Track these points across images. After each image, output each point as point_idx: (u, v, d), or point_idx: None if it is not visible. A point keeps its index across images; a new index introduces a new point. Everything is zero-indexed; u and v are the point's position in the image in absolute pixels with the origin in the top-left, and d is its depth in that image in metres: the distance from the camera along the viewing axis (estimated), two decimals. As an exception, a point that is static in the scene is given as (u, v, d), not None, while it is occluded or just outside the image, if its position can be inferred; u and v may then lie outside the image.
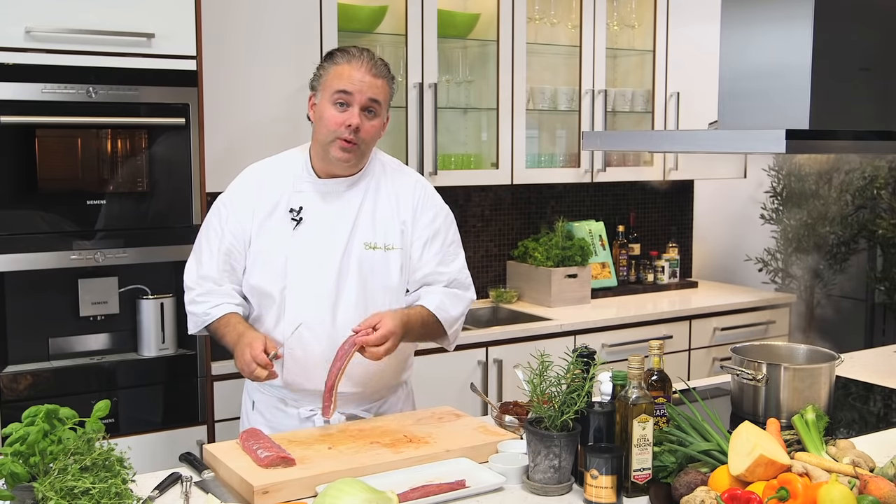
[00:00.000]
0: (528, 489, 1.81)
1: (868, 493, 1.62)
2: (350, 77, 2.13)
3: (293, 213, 2.20)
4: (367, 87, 2.13)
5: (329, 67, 2.17)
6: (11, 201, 2.60)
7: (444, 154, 3.76)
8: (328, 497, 1.55)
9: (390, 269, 2.22)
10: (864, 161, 4.49)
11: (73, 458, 1.57)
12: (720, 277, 4.95)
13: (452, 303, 2.27)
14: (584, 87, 4.02)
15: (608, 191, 4.54)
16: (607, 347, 3.72)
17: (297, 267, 2.18)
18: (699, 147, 2.31)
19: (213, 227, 2.24)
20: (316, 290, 2.18)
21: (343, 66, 2.15)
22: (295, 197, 2.21)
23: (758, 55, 2.20)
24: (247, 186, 2.25)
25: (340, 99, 2.13)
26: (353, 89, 2.13)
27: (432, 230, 2.28)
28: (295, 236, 2.18)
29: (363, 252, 2.20)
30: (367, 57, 2.16)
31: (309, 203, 2.20)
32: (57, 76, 2.61)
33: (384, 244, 2.22)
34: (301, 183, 2.22)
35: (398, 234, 2.24)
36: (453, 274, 2.30)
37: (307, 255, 2.18)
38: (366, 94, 2.13)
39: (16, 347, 2.70)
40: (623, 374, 1.87)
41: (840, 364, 2.38)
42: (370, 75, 2.14)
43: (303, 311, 2.17)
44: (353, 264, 2.19)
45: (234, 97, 3.15)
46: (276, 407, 2.28)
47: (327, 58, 2.22)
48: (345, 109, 2.14)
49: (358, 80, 2.13)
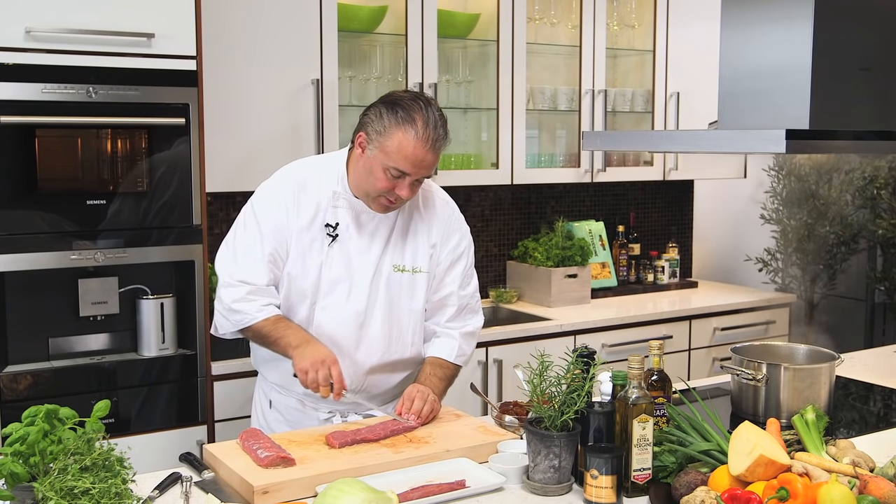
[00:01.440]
0: (528, 489, 1.81)
1: (868, 493, 1.62)
2: (411, 157, 2.07)
3: (329, 228, 2.20)
4: (426, 167, 2.10)
5: (392, 130, 2.08)
6: (11, 201, 2.60)
7: (444, 154, 3.74)
8: (328, 497, 1.55)
9: (416, 292, 2.27)
10: (864, 161, 4.48)
11: (73, 458, 1.57)
12: (720, 277, 4.95)
13: (468, 343, 2.37)
14: (584, 87, 4.02)
15: (608, 191, 4.54)
16: (607, 347, 3.72)
17: (330, 284, 2.20)
18: (699, 147, 2.31)
19: (253, 231, 2.20)
20: (345, 309, 2.21)
21: (407, 139, 2.06)
22: (331, 212, 2.20)
23: (758, 55, 2.20)
24: (286, 193, 2.20)
25: (395, 173, 2.09)
26: (412, 170, 2.09)
27: (457, 253, 2.32)
28: (330, 252, 2.20)
29: (392, 274, 2.23)
30: (431, 127, 2.08)
31: (345, 220, 2.21)
32: (57, 76, 2.61)
33: (412, 267, 2.26)
34: (339, 199, 2.21)
35: (427, 256, 2.27)
36: (468, 298, 2.36)
37: (340, 273, 2.20)
38: (421, 173, 2.11)
39: (16, 347, 2.70)
40: (623, 374, 1.87)
41: (840, 364, 2.37)
42: (432, 153, 2.09)
43: (330, 328, 2.21)
44: (382, 286, 2.23)
45: (234, 97, 3.15)
46: (294, 407, 2.32)
47: (389, 110, 2.10)
48: (397, 179, 2.10)
49: (419, 161, 2.07)
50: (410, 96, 2.13)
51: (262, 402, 2.40)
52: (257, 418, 2.42)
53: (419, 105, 2.10)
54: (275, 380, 2.34)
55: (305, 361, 2.08)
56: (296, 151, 3.17)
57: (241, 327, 2.22)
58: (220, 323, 2.26)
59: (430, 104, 2.12)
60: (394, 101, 2.12)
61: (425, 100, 2.13)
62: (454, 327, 2.34)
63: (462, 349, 2.34)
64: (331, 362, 2.09)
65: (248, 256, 2.20)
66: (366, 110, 2.16)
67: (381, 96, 2.20)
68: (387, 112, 2.10)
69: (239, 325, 2.21)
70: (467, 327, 2.36)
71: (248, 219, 2.23)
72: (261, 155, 3.17)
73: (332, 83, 3.34)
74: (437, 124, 2.10)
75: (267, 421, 2.37)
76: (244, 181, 3.00)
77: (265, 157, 3.14)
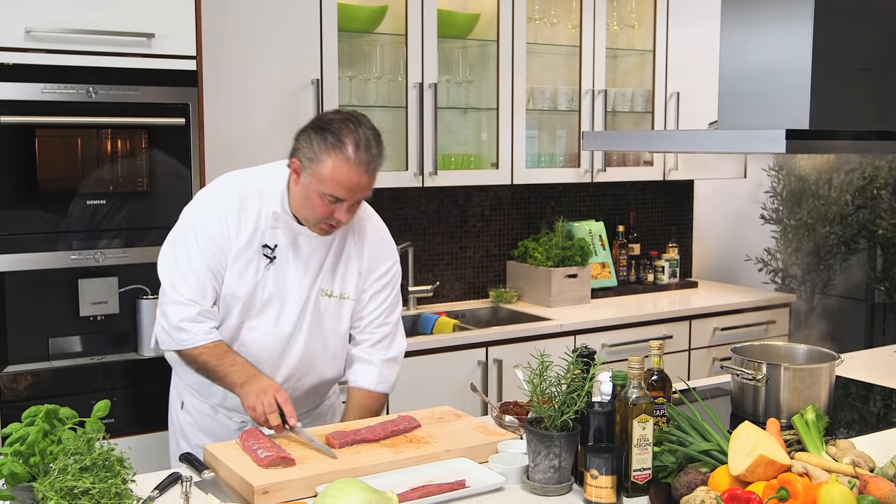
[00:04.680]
0: (528, 489, 1.81)
1: (868, 493, 1.62)
2: (344, 183, 2.02)
3: (267, 249, 2.16)
4: (362, 190, 2.06)
5: (322, 156, 2.02)
6: (11, 201, 2.60)
7: (444, 154, 3.76)
8: (328, 497, 1.55)
9: (342, 317, 2.27)
10: (864, 161, 4.48)
11: (73, 458, 1.57)
12: (720, 277, 4.95)
13: (390, 369, 2.33)
14: (584, 87, 4.02)
15: (608, 191, 4.54)
16: (607, 347, 3.72)
17: (261, 306, 2.18)
18: (699, 147, 2.31)
19: (193, 248, 2.13)
20: (273, 331, 2.20)
21: (339, 164, 2.01)
22: (270, 232, 2.16)
23: (758, 55, 2.20)
24: (226, 211, 2.14)
25: (331, 199, 2.05)
26: (347, 196, 2.05)
27: (383, 283, 2.31)
28: (266, 274, 2.16)
29: (319, 298, 2.22)
30: (363, 152, 2.02)
31: (283, 242, 2.17)
32: (57, 76, 2.61)
33: (339, 293, 2.25)
34: (278, 220, 2.16)
35: (354, 283, 2.26)
36: (392, 326, 2.34)
37: (272, 294, 2.17)
38: (358, 196, 2.08)
39: (16, 347, 2.70)
40: (623, 374, 1.87)
41: (840, 364, 2.37)
42: (366, 175, 2.04)
43: (255, 348, 2.19)
44: (310, 309, 2.21)
45: (234, 97, 3.15)
46: (207, 413, 2.29)
47: (318, 135, 2.04)
48: (334, 204, 2.06)
49: (354, 185, 2.03)
50: (340, 118, 2.06)
51: (174, 402, 2.35)
52: (171, 419, 2.38)
53: (349, 127, 2.03)
54: (191, 382, 2.28)
55: (252, 397, 2.03)
56: (296, 151, 3.17)
57: (184, 348, 2.13)
58: (163, 339, 2.18)
59: (361, 123, 2.06)
60: (323, 125, 2.06)
61: (355, 120, 2.06)
62: (375, 353, 2.30)
63: (384, 375, 2.30)
64: (274, 390, 2.04)
65: (192, 273, 2.12)
66: (297, 135, 2.10)
67: (311, 119, 2.14)
68: (316, 137, 2.04)
69: (182, 345, 2.12)
70: (389, 353, 2.32)
71: (187, 234, 2.15)
72: (261, 155, 3.15)
73: (332, 83, 3.34)
74: (370, 144, 2.04)
75: (179, 421, 2.32)
76: (244, 181, 3.00)
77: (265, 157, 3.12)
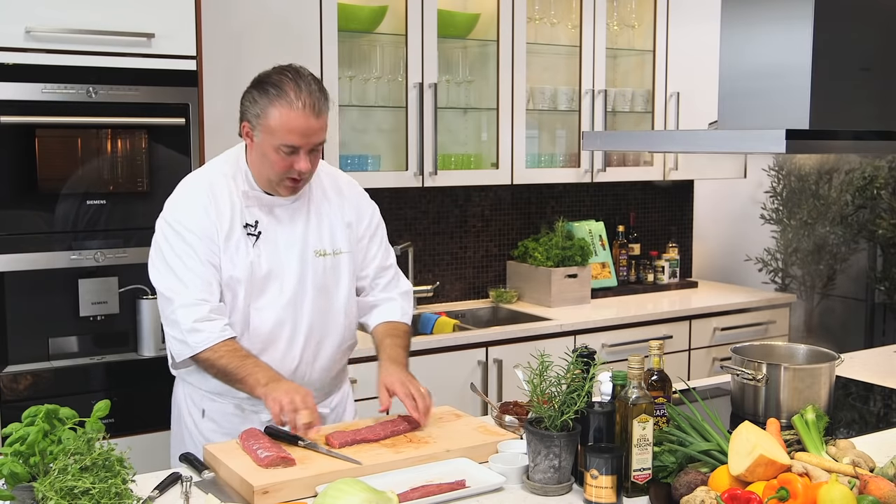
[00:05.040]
0: (528, 489, 1.81)
1: (868, 493, 1.62)
2: (295, 130, 2.03)
3: (250, 227, 2.16)
4: (313, 133, 2.05)
5: (267, 108, 2.04)
6: (11, 201, 2.60)
7: (444, 154, 3.76)
8: (328, 497, 1.55)
9: (341, 274, 2.27)
10: (864, 161, 4.48)
11: (73, 458, 1.57)
12: (720, 277, 4.94)
13: (408, 302, 2.40)
14: (584, 87, 4.02)
15: (608, 191, 4.54)
16: (607, 347, 3.72)
17: (261, 283, 2.17)
18: (699, 147, 2.31)
19: (184, 249, 2.10)
20: (279, 301, 2.18)
21: (284, 111, 2.02)
22: (247, 212, 2.16)
23: (758, 55, 2.20)
24: (202, 203, 2.13)
25: (286, 150, 2.05)
26: (301, 142, 2.04)
27: (373, 227, 2.34)
28: (256, 252, 2.16)
29: (315, 260, 2.22)
30: (305, 93, 2.04)
31: (261, 217, 2.17)
32: (57, 76, 2.61)
33: (332, 249, 2.25)
34: (249, 199, 2.16)
35: (345, 237, 2.27)
36: (394, 267, 2.40)
37: (269, 269, 2.17)
38: (312, 141, 2.07)
39: (16, 347, 2.70)
40: (623, 374, 1.87)
41: (840, 364, 2.38)
42: (314, 118, 2.04)
43: (267, 328, 2.18)
44: (308, 273, 2.21)
45: (235, 97, 3.14)
46: (232, 414, 2.22)
47: (260, 91, 2.07)
48: (291, 155, 2.06)
49: (303, 130, 2.03)
50: (276, 70, 2.10)
51: (192, 413, 2.28)
52: (188, 431, 2.27)
53: (287, 76, 2.07)
54: (210, 387, 2.20)
55: (279, 393, 1.99)
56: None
57: (201, 349, 2.07)
58: (178, 350, 2.12)
59: (299, 72, 2.09)
60: (261, 80, 2.10)
61: (292, 70, 2.09)
62: (390, 291, 2.36)
63: (404, 308, 2.36)
64: (304, 392, 2.01)
65: (191, 274, 2.09)
66: (241, 99, 2.14)
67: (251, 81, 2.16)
68: (258, 93, 2.07)
69: (199, 346, 2.07)
70: (402, 288, 2.39)
71: (171, 239, 2.12)
72: (261, 155, 3.16)
73: (332, 83, 3.33)
74: (311, 88, 2.06)
75: (200, 431, 2.24)
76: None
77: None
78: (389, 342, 2.28)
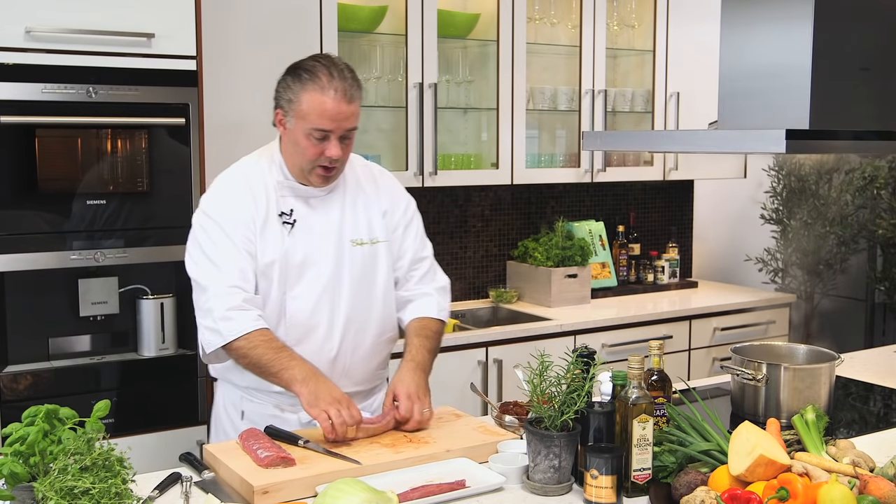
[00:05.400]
0: (528, 489, 1.81)
1: (868, 493, 1.62)
2: (326, 114, 2.05)
3: (285, 216, 2.17)
4: (344, 119, 2.07)
5: (300, 94, 2.07)
6: (11, 201, 2.60)
7: (444, 154, 3.76)
8: (328, 497, 1.55)
9: (379, 263, 2.26)
10: (864, 161, 4.48)
11: (73, 458, 1.57)
12: (720, 277, 4.94)
13: (444, 297, 2.37)
14: (584, 87, 4.02)
15: (608, 191, 4.54)
16: (607, 347, 3.72)
17: (297, 271, 2.17)
18: (699, 147, 2.31)
19: (221, 238, 2.11)
20: (316, 291, 2.18)
21: (316, 96, 2.05)
22: (282, 201, 2.18)
23: (758, 55, 2.20)
24: (239, 193, 2.15)
25: (318, 135, 2.07)
26: (332, 126, 2.06)
27: (408, 217, 2.34)
28: (291, 240, 2.16)
29: (353, 249, 2.22)
30: (338, 80, 2.06)
31: (296, 206, 2.19)
32: (57, 76, 2.61)
33: (370, 238, 2.25)
34: (283, 188, 2.18)
35: (381, 226, 2.27)
36: (430, 259, 2.38)
37: (304, 257, 2.17)
38: (343, 126, 2.08)
39: (16, 347, 2.70)
40: (623, 374, 1.87)
41: (840, 364, 2.37)
42: (345, 103, 2.06)
43: (303, 316, 2.17)
44: (346, 262, 2.21)
45: (234, 97, 3.15)
46: (271, 415, 2.21)
47: (294, 77, 2.10)
48: (322, 142, 2.08)
49: (334, 114, 2.06)
50: (310, 58, 2.13)
51: (231, 415, 2.28)
52: (226, 436, 2.27)
53: (320, 62, 2.10)
54: (248, 384, 2.20)
55: (322, 401, 1.98)
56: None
57: (234, 338, 2.04)
58: (209, 340, 2.09)
59: (332, 59, 2.12)
60: (295, 67, 2.13)
61: (326, 57, 2.13)
62: (426, 285, 2.34)
63: (441, 304, 2.33)
64: (347, 402, 2.01)
65: (227, 261, 2.10)
66: (276, 87, 2.16)
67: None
68: (291, 79, 2.10)
69: (231, 335, 2.04)
70: (438, 283, 2.37)
71: (209, 228, 2.13)
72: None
73: (332, 83, 3.33)
74: (344, 74, 2.08)
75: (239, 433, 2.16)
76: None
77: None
78: (417, 343, 2.26)
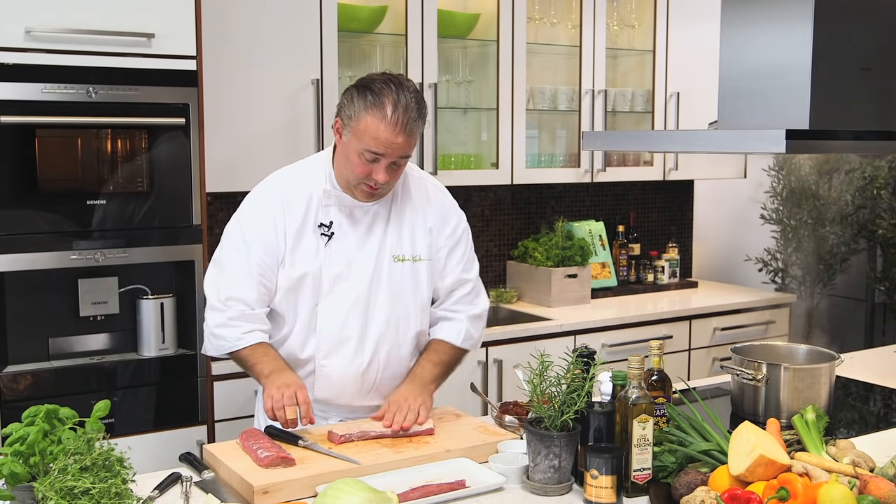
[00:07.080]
0: (528, 489, 1.81)
1: (868, 493, 1.62)
2: (381, 140, 2.02)
3: (324, 227, 2.16)
4: (399, 149, 2.05)
5: (361, 113, 2.04)
6: (11, 201, 2.60)
7: (444, 154, 3.76)
8: (328, 497, 1.55)
9: (419, 281, 2.23)
10: (864, 161, 4.49)
11: (73, 458, 1.57)
12: (720, 277, 4.95)
13: (476, 326, 2.32)
14: (584, 87, 4.02)
15: (608, 191, 4.54)
16: (607, 347, 3.72)
17: (330, 283, 2.16)
18: (699, 147, 2.31)
19: (239, 247, 2.15)
20: (349, 306, 2.17)
21: (376, 122, 2.02)
22: (323, 211, 2.16)
23: (758, 55, 2.20)
24: (271, 203, 2.15)
25: (369, 156, 2.06)
26: (385, 151, 2.04)
27: (456, 237, 2.29)
28: (327, 252, 2.15)
29: (392, 265, 2.20)
30: (402, 111, 2.03)
31: (338, 218, 2.17)
32: (57, 76, 2.61)
33: (412, 255, 2.22)
34: (328, 198, 2.17)
35: (425, 244, 2.24)
36: (473, 281, 2.33)
37: (340, 270, 2.16)
38: (396, 154, 2.06)
39: (16, 347, 2.70)
40: (623, 374, 1.87)
41: (840, 364, 2.37)
42: (403, 135, 2.03)
43: (334, 328, 2.17)
44: (384, 278, 2.19)
45: (234, 97, 3.15)
46: None
47: (360, 94, 2.06)
48: (372, 163, 2.06)
49: (390, 143, 2.03)
50: (383, 79, 2.08)
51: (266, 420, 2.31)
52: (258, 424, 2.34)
53: (390, 88, 2.05)
54: None
55: (273, 387, 2.04)
56: (296, 151, 3.17)
57: (220, 352, 2.20)
58: (205, 346, 2.24)
59: (403, 85, 2.06)
60: (365, 84, 2.08)
61: (397, 82, 2.07)
62: (461, 310, 2.30)
63: (469, 333, 2.30)
64: (296, 387, 2.04)
65: (235, 273, 2.14)
66: (342, 94, 2.14)
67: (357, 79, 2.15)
68: (358, 96, 2.07)
69: (220, 350, 2.18)
70: (474, 310, 2.32)
71: (233, 235, 2.18)
72: (261, 155, 3.17)
73: (332, 83, 3.34)
74: (409, 106, 2.04)
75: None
76: (244, 181, 2.98)
77: (265, 156, 3.13)
78: (424, 357, 2.26)
